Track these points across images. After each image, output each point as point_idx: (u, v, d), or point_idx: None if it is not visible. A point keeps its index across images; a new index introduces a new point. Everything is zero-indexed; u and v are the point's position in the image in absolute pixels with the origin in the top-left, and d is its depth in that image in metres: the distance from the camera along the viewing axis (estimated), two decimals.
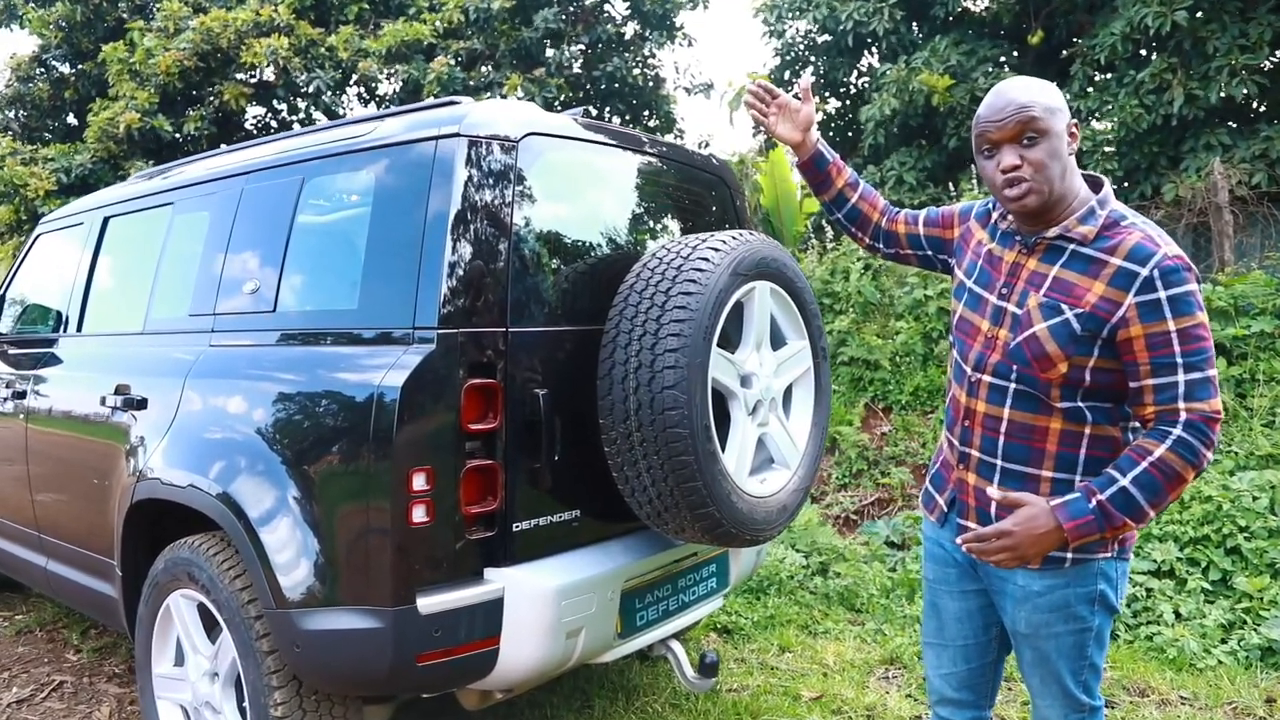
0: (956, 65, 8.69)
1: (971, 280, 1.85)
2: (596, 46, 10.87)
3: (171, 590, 2.62)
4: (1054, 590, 1.74)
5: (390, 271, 2.30)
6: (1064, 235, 1.69)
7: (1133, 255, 1.60)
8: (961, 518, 1.85)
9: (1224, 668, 3.53)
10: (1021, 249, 1.76)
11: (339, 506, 2.21)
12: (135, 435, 2.81)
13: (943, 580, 1.95)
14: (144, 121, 9.02)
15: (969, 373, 1.80)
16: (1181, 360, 1.56)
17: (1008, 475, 1.75)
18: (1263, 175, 6.96)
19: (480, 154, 2.28)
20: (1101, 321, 1.61)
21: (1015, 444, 1.73)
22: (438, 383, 2.15)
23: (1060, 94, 1.69)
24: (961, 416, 1.83)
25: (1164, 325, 1.56)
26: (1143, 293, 1.58)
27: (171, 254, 3.04)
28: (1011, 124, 1.64)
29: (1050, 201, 1.67)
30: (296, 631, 2.20)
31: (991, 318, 1.78)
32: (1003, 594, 1.82)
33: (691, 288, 2.26)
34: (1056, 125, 1.64)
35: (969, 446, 1.81)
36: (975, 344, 1.80)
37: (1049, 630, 1.76)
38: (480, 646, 2.21)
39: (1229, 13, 7.32)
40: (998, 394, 1.75)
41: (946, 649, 1.96)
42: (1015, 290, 1.74)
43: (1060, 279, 1.68)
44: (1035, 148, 1.64)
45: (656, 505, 2.32)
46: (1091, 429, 1.69)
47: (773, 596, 4.39)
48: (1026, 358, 1.69)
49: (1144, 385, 1.60)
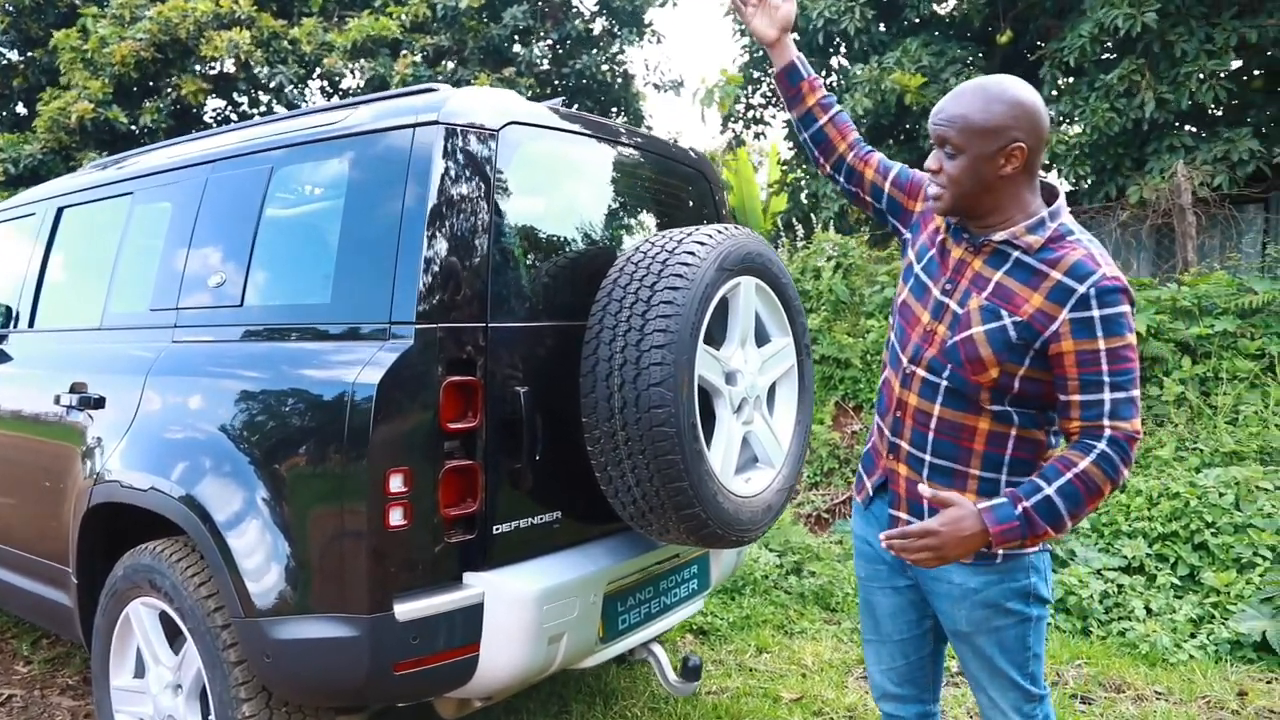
0: (927, 66, 8.73)
1: (920, 266, 1.84)
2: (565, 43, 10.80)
3: (131, 598, 2.51)
4: (989, 586, 1.75)
5: (365, 264, 2.21)
6: (1010, 241, 1.69)
7: (1073, 272, 1.61)
8: (893, 508, 1.85)
9: (1195, 662, 3.56)
10: (969, 247, 1.75)
11: (312, 510, 2.12)
12: (92, 436, 2.68)
13: (874, 577, 1.96)
14: (97, 112, 8.77)
15: (904, 363, 1.80)
16: (1109, 379, 1.58)
17: (936, 470, 1.76)
18: (1224, 177, 7.07)
19: (459, 143, 2.20)
20: (1036, 333, 1.63)
21: (944, 441, 1.74)
22: (415, 380, 2.07)
23: (1021, 113, 1.61)
24: (894, 406, 1.82)
25: (1095, 344, 1.58)
26: (1077, 309, 1.59)
27: (131, 246, 2.92)
28: (937, 133, 1.67)
29: (961, 211, 1.70)
30: (267, 641, 2.10)
31: (933, 311, 1.77)
32: (935, 594, 1.82)
33: (678, 283, 2.21)
34: (980, 148, 1.61)
35: (899, 438, 1.81)
36: (914, 334, 1.79)
37: (988, 625, 1.77)
38: (459, 654, 2.13)
39: (1195, 17, 7.43)
40: (930, 389, 1.75)
41: (884, 645, 1.97)
42: (959, 288, 1.74)
43: (1002, 285, 1.68)
44: (952, 161, 1.66)
45: (641, 506, 2.26)
46: (1018, 431, 1.71)
47: (748, 596, 4.35)
48: (960, 358, 1.70)
49: (1071, 400, 1.62)
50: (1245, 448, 4.75)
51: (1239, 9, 7.42)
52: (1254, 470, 4.45)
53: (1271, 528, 4.09)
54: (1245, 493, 4.36)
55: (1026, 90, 1.65)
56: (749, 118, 11.22)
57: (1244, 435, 4.85)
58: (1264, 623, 3.63)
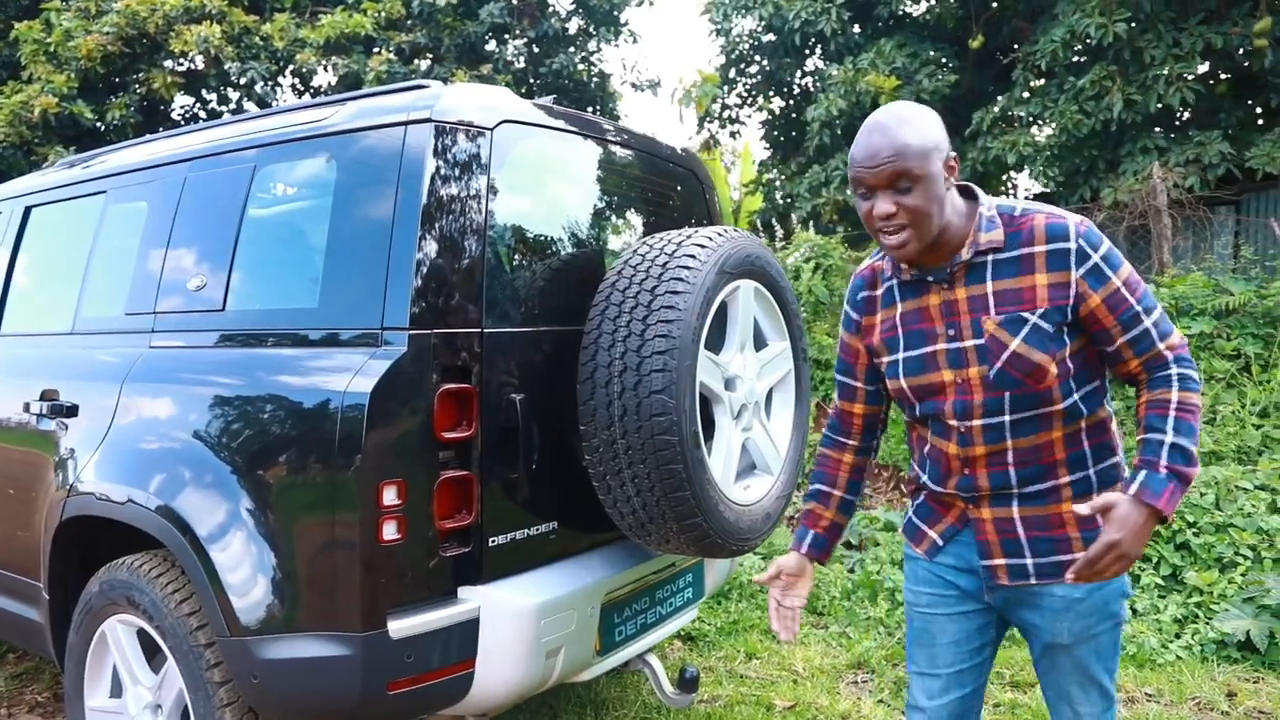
0: (901, 68, 8.75)
1: (902, 352, 1.76)
2: (541, 42, 10.69)
3: (108, 615, 2.41)
4: (1093, 592, 1.70)
5: (355, 268, 2.13)
6: (979, 251, 1.65)
7: (1050, 235, 1.62)
8: (985, 559, 1.75)
9: (1182, 662, 3.57)
10: (940, 286, 1.70)
11: (302, 525, 2.04)
12: (64, 446, 2.58)
13: (939, 604, 1.84)
14: (62, 107, 8.53)
15: (956, 426, 1.71)
16: (1140, 307, 1.61)
17: (1026, 499, 1.70)
18: (1195, 179, 7.16)
19: (452, 142, 2.14)
20: (1062, 309, 1.61)
21: (1026, 468, 1.69)
22: (409, 388, 2.00)
23: (936, 124, 1.61)
24: (960, 467, 1.73)
25: (1112, 284, 1.60)
26: (1081, 263, 1.60)
27: (105, 247, 2.81)
28: (886, 173, 1.58)
29: (929, 243, 1.63)
30: (254, 661, 2.02)
31: (951, 364, 1.69)
32: (1037, 609, 1.75)
33: (679, 286, 2.15)
34: (932, 168, 1.58)
35: (975, 490, 1.73)
36: (949, 397, 1.70)
37: (1089, 633, 1.73)
38: (455, 670, 2.07)
39: (1163, 23, 7.52)
40: (994, 432, 1.68)
41: (938, 678, 1.86)
42: (963, 326, 1.68)
43: (1001, 291, 1.64)
44: (911, 194, 1.58)
45: (640, 516, 2.20)
46: (1087, 420, 1.69)
47: (735, 601, 4.31)
48: (1016, 378, 1.64)
49: (1120, 344, 1.63)
50: (1223, 448, 4.80)
51: (1206, 15, 7.53)
52: (1233, 470, 4.49)
53: (1251, 527, 4.12)
54: (1225, 492, 4.39)
55: (922, 106, 1.66)
56: (725, 118, 11.20)
57: (1222, 435, 4.89)
58: (1247, 622, 3.65)
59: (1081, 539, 1.67)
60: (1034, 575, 1.71)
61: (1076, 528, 1.67)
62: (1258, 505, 4.26)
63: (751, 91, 11.05)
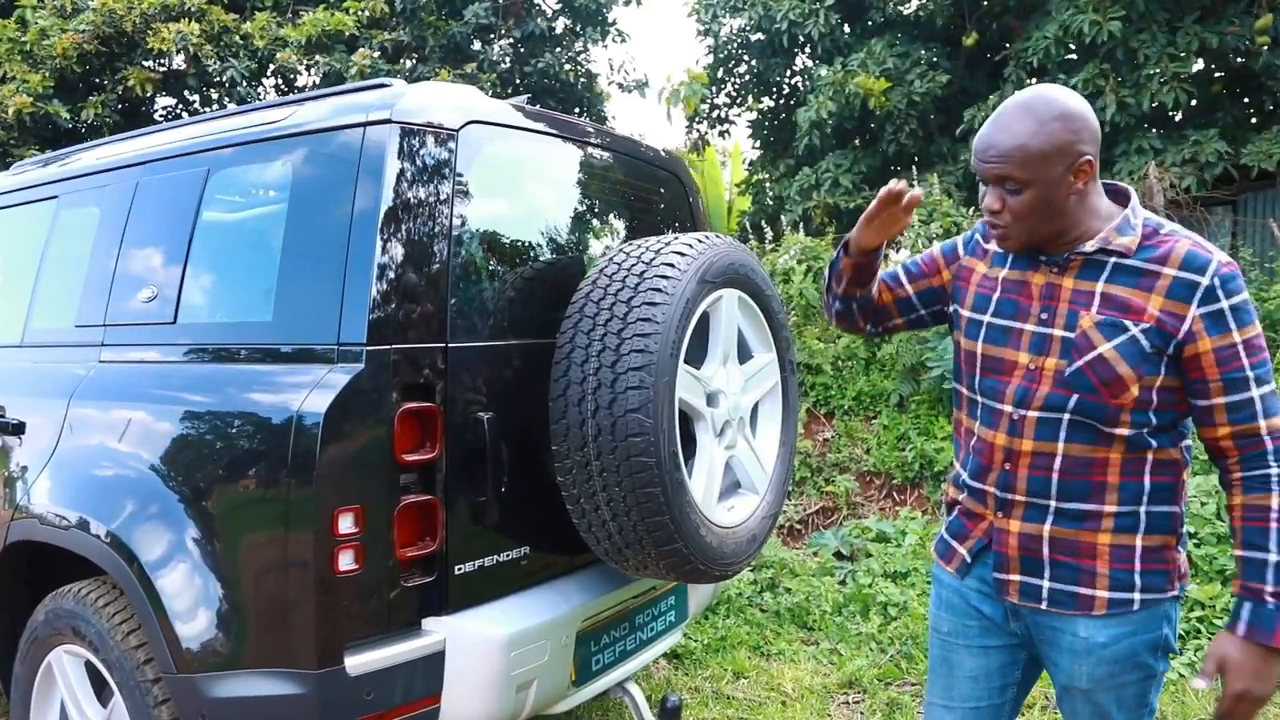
0: (892, 68, 8.64)
1: (989, 315, 1.66)
2: (527, 42, 10.55)
3: (53, 646, 2.27)
4: (1120, 640, 1.57)
5: (311, 278, 2.00)
6: (1104, 249, 1.54)
7: (1187, 264, 1.48)
8: (1000, 571, 1.65)
9: (1184, 681, 3.45)
10: (1051, 268, 1.59)
11: (252, 553, 1.91)
12: (10, 466, 2.44)
13: (960, 634, 1.74)
14: (37, 106, 8.35)
15: (1009, 410, 1.60)
16: (1253, 374, 1.47)
17: (1063, 516, 1.57)
18: (1192, 179, 7.06)
19: (415, 144, 2.00)
20: (1168, 336, 1.48)
21: (1072, 480, 1.55)
22: (367, 407, 1.87)
23: (1074, 123, 1.49)
24: (1001, 460, 1.62)
25: (1231, 338, 1.47)
26: (1206, 303, 1.47)
27: (55, 255, 2.67)
28: (993, 171, 1.52)
29: (1037, 243, 1.56)
30: (202, 699, 1.89)
31: (1032, 348, 1.59)
32: (1055, 646, 1.63)
33: (657, 297, 2.03)
34: (1048, 174, 1.48)
35: (1012, 492, 1.61)
36: (1014, 379, 1.60)
37: (1113, 682, 1.59)
38: (419, 707, 1.94)
39: (1158, 22, 7.43)
40: (1049, 428, 1.56)
41: (954, 711, 1.76)
42: (1058, 313, 1.57)
43: (1110, 295, 1.52)
44: (1018, 197, 1.51)
45: (617, 541, 2.07)
46: (1154, 454, 1.54)
47: (722, 616, 4.19)
48: (1092, 384, 1.52)
49: (1216, 404, 1.48)
50: None
51: (1201, 13, 7.44)
52: None
53: None
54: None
55: (1072, 96, 1.52)
56: (714, 117, 11.08)
57: None
58: None
59: (1110, 577, 1.55)
60: (1046, 600, 1.59)
61: (1108, 563, 1.55)
62: None
63: (740, 91, 10.94)
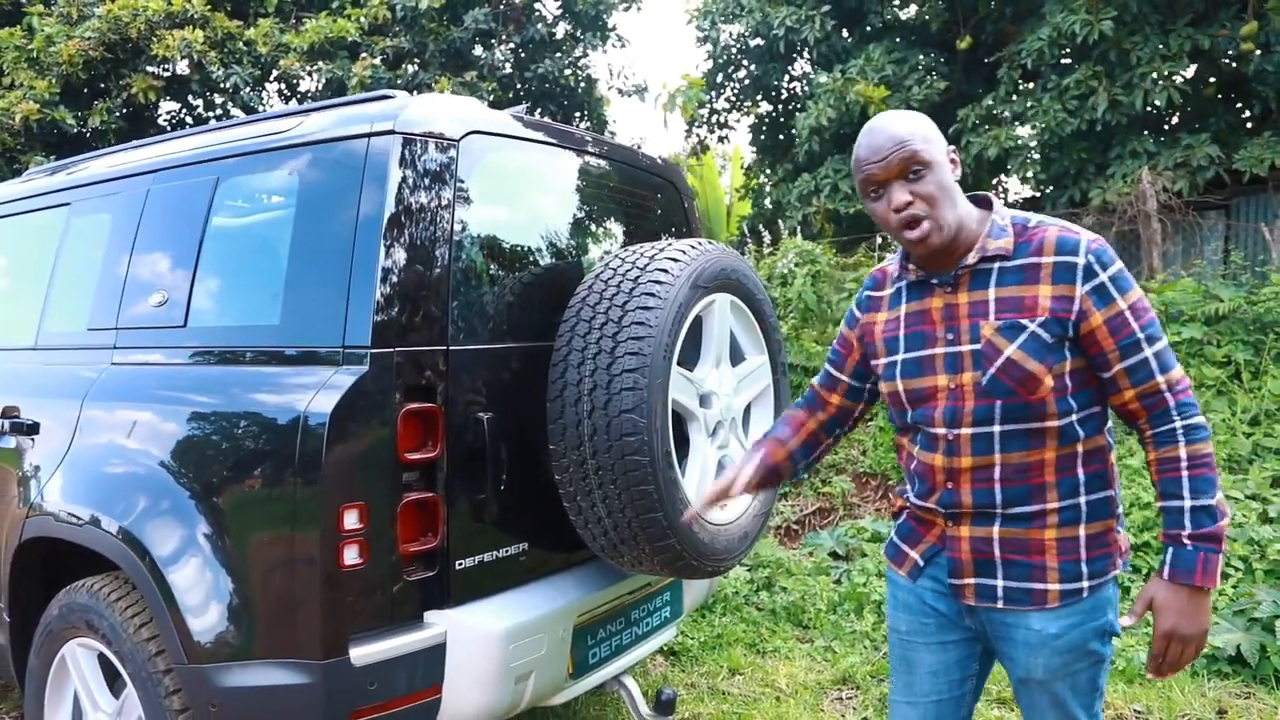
0: (890, 74, 8.73)
1: (902, 353, 1.73)
2: (528, 47, 10.63)
3: (67, 639, 2.34)
4: (1071, 630, 1.64)
5: (317, 284, 2.07)
6: (985, 257, 1.62)
7: (1060, 248, 1.58)
8: (954, 576, 1.71)
9: (1172, 677, 3.52)
10: (944, 289, 1.67)
11: (260, 548, 1.98)
12: (25, 465, 2.51)
13: (918, 632, 1.80)
14: (44, 113, 8.44)
15: (944, 433, 1.67)
16: (1143, 334, 1.55)
17: (1010, 519, 1.64)
18: (1185, 183, 7.13)
19: (417, 154, 2.08)
20: (1064, 322, 1.57)
21: (1013, 487, 1.63)
22: (371, 408, 1.94)
23: (926, 121, 1.64)
24: (943, 480, 1.68)
25: (1117, 306, 1.55)
26: (1088, 280, 1.56)
27: (68, 260, 2.75)
28: (894, 162, 1.59)
29: (951, 235, 1.62)
30: (212, 689, 1.96)
31: (947, 368, 1.66)
32: (1010, 641, 1.69)
33: (650, 301, 2.10)
34: (938, 155, 1.60)
35: (958, 507, 1.68)
36: (940, 402, 1.67)
37: (1067, 671, 1.66)
38: (420, 697, 2.01)
39: (1150, 24, 7.50)
40: (983, 442, 1.63)
41: (916, 706, 1.81)
42: (961, 330, 1.65)
43: (1003, 298, 1.61)
44: (922, 181, 1.59)
45: (612, 537, 2.15)
46: (1084, 445, 1.63)
47: (719, 615, 4.25)
48: (1009, 386, 1.59)
49: (1117, 371, 1.57)
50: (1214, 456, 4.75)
51: (1194, 17, 7.51)
52: (1223, 479, 4.44)
53: (1242, 538, 4.07)
54: None
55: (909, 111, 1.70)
56: (713, 122, 11.16)
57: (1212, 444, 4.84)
58: (1238, 635, 3.60)
59: (1059, 570, 1.62)
60: (1002, 599, 1.65)
61: (1056, 557, 1.62)
62: (1249, 515, 4.22)
63: (739, 96, 11.02)
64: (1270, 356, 5.23)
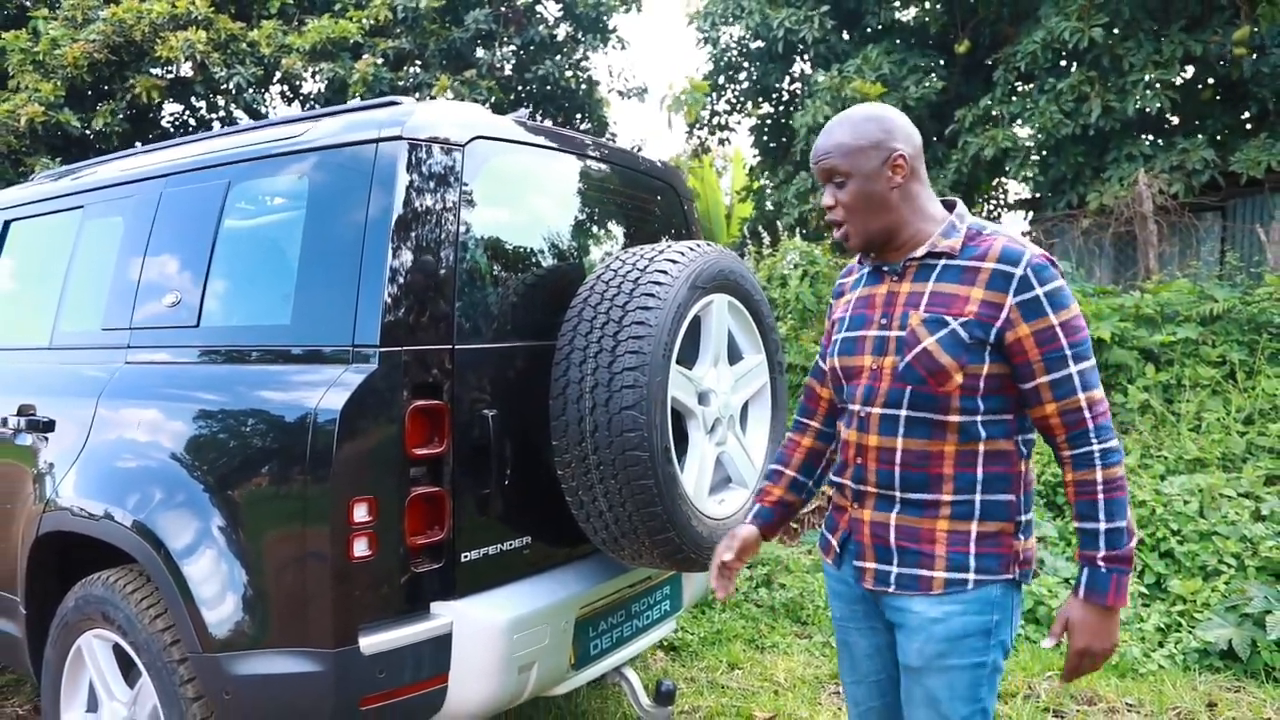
0: (888, 74, 8.79)
1: (843, 332, 1.81)
2: (528, 48, 10.70)
3: (83, 630, 2.41)
4: (951, 618, 1.68)
5: (327, 284, 2.14)
6: (932, 253, 1.69)
7: (1003, 258, 1.62)
8: (858, 560, 1.78)
9: (1164, 672, 3.58)
10: (892, 277, 1.75)
11: (273, 541, 2.05)
12: (41, 461, 2.58)
13: (850, 618, 1.88)
14: (49, 115, 8.51)
15: (858, 409, 1.75)
16: (1070, 351, 1.60)
17: (907, 505, 1.70)
18: (1181, 186, 7.19)
19: (424, 158, 2.14)
20: (987, 326, 1.62)
21: (911, 473, 1.69)
22: (380, 405, 2.01)
23: (887, 125, 1.68)
24: (854, 455, 1.76)
25: (1048, 320, 1.59)
26: (1021, 292, 1.60)
27: (82, 262, 2.81)
28: (822, 168, 1.72)
29: (873, 237, 1.71)
30: (226, 677, 2.02)
31: (874, 350, 1.74)
32: (901, 627, 1.75)
33: (650, 302, 2.16)
34: (864, 166, 1.67)
35: (864, 484, 1.75)
36: (861, 380, 1.75)
37: (941, 663, 1.69)
38: (428, 686, 2.07)
39: (1144, 30, 7.56)
40: (890, 424, 1.70)
41: (861, 685, 1.90)
42: (894, 317, 1.72)
43: (937, 292, 1.67)
44: (843, 189, 1.70)
45: (613, 531, 2.21)
46: (986, 445, 1.68)
47: (718, 611, 4.31)
48: (920, 375, 1.66)
49: (1040, 384, 1.62)
50: (1208, 455, 4.81)
51: (1187, 22, 7.56)
52: (1217, 478, 4.50)
53: (1235, 535, 4.14)
54: (1209, 500, 4.40)
55: (888, 108, 1.73)
56: (714, 124, 11.22)
57: (1207, 443, 4.91)
58: (1229, 631, 3.66)
59: (946, 559, 1.67)
60: (894, 584, 1.71)
61: (945, 547, 1.67)
62: (1241, 513, 4.28)
63: (740, 98, 11.07)
64: (1264, 356, 5.29)
